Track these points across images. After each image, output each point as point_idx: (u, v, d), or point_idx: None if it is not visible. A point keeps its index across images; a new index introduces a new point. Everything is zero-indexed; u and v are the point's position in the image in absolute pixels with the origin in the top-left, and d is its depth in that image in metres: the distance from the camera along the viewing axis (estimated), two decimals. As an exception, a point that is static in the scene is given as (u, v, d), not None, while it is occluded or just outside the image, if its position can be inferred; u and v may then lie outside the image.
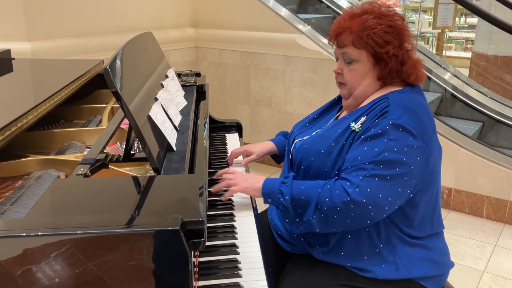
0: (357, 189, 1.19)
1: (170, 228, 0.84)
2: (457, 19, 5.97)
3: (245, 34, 3.75)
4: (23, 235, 0.83)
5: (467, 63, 5.01)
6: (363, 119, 1.28)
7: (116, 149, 1.52)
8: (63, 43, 2.89)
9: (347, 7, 1.40)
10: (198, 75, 2.19)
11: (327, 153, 1.30)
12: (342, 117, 1.38)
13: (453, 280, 1.42)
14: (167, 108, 1.45)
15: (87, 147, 1.56)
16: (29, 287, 0.83)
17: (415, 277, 1.28)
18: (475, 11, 3.53)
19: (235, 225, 1.36)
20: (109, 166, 1.26)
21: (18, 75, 1.92)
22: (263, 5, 3.56)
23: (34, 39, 2.75)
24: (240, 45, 3.80)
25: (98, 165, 1.23)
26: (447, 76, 3.97)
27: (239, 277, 1.14)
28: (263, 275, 1.17)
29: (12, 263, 0.83)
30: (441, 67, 4.04)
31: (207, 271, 1.15)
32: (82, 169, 1.17)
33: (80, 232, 0.83)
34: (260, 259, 1.23)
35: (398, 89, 1.33)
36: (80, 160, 1.26)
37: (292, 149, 1.46)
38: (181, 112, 1.62)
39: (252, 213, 1.44)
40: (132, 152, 1.38)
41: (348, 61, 1.33)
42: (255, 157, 1.70)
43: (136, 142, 1.49)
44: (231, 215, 1.41)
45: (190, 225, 0.88)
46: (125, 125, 1.60)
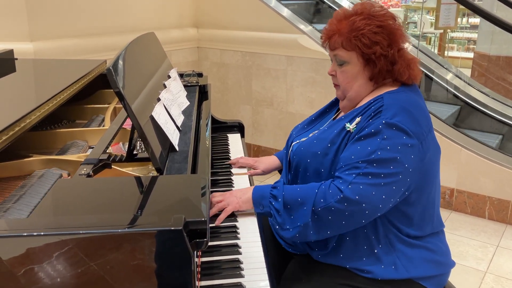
0: (349, 186, 1.19)
1: (173, 228, 0.84)
2: (459, 20, 5.96)
3: (247, 34, 3.75)
4: (27, 235, 0.83)
5: (469, 63, 5.01)
6: (358, 119, 1.28)
7: (118, 149, 1.53)
8: (65, 43, 2.90)
9: (338, 10, 1.41)
10: (200, 75, 2.19)
11: (324, 154, 1.30)
12: (338, 118, 1.38)
13: (455, 280, 1.41)
14: (170, 108, 1.45)
15: (90, 147, 1.56)
16: (32, 286, 0.84)
17: (414, 277, 1.28)
18: (477, 11, 3.53)
19: (237, 225, 1.36)
20: (112, 166, 1.27)
21: (21, 75, 1.92)
22: (265, 5, 3.56)
23: (36, 39, 2.75)
24: (242, 45, 3.80)
25: (101, 165, 1.23)
26: (449, 76, 3.97)
27: (242, 277, 1.14)
28: (265, 275, 1.17)
29: (15, 262, 0.83)
30: (443, 67, 4.03)
31: (210, 271, 1.16)
32: (85, 169, 1.17)
33: (83, 232, 0.84)
34: (262, 259, 1.23)
35: (393, 89, 1.34)
36: (82, 160, 1.27)
37: (289, 152, 1.46)
38: (184, 112, 1.62)
39: (254, 213, 1.44)
40: (134, 152, 1.39)
41: (339, 63, 1.34)
42: (260, 172, 1.72)
43: (138, 142, 1.50)
44: (233, 215, 1.41)
45: (192, 225, 0.89)
46: (127, 125, 1.61)
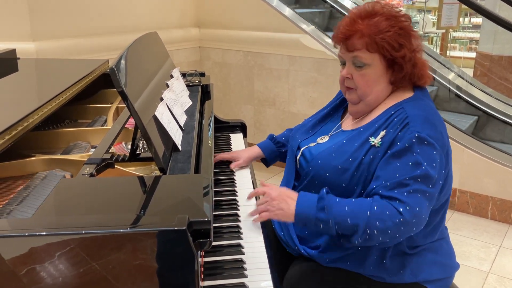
0: (407, 208, 1.15)
1: (176, 228, 0.84)
2: (461, 19, 5.95)
3: (249, 34, 3.74)
4: (29, 234, 0.83)
5: (472, 63, 5.00)
6: (382, 133, 1.23)
7: (121, 149, 1.53)
8: (67, 43, 2.90)
9: (354, 8, 1.34)
10: (202, 75, 2.19)
11: (344, 169, 1.25)
12: (355, 130, 1.32)
13: (458, 281, 1.41)
14: (173, 108, 1.45)
15: (92, 147, 1.56)
16: (35, 286, 0.83)
17: (421, 280, 1.28)
18: (480, 11, 3.52)
19: (240, 225, 1.35)
20: (115, 166, 1.26)
21: (23, 75, 1.92)
22: (267, 5, 3.55)
23: (38, 39, 2.75)
24: (244, 45, 3.79)
25: (104, 165, 1.23)
26: (451, 76, 3.96)
27: (245, 277, 1.14)
28: (268, 276, 1.16)
29: (18, 262, 0.83)
30: (445, 67, 4.03)
31: (213, 271, 1.15)
32: (88, 169, 1.17)
33: (86, 232, 0.83)
34: (265, 259, 1.22)
35: (409, 94, 1.30)
36: (85, 159, 1.26)
37: (299, 158, 1.40)
38: (186, 112, 1.62)
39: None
40: (137, 152, 1.38)
41: (359, 65, 1.27)
42: (243, 162, 1.70)
43: (141, 142, 1.49)
44: (236, 215, 1.41)
45: (196, 225, 0.88)
46: (130, 125, 1.60)
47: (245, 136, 2.12)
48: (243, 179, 1.65)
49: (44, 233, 0.83)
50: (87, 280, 0.84)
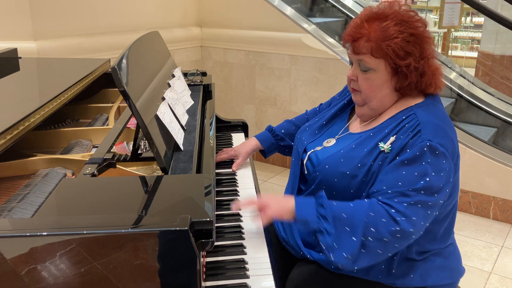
0: (403, 218, 1.13)
1: (179, 228, 0.84)
2: (463, 19, 5.94)
3: (250, 33, 3.74)
4: (31, 234, 0.83)
5: (473, 62, 4.99)
6: (392, 138, 1.20)
7: (122, 148, 1.52)
8: (69, 42, 2.89)
9: (366, 7, 1.28)
10: (204, 74, 2.19)
11: (353, 175, 1.22)
12: (364, 134, 1.29)
13: (460, 281, 1.40)
14: (174, 107, 1.44)
15: (94, 146, 1.56)
16: (37, 285, 0.83)
17: (429, 285, 1.27)
18: (482, 10, 3.51)
19: (241, 225, 1.35)
20: (117, 165, 1.26)
21: (24, 74, 1.92)
22: (268, 4, 3.55)
23: (40, 38, 2.75)
24: (245, 44, 3.79)
25: (105, 165, 1.23)
26: (453, 75, 3.95)
27: (247, 277, 1.13)
28: (270, 276, 1.16)
29: (20, 262, 0.83)
30: (447, 66, 4.02)
31: (214, 271, 1.15)
32: (89, 169, 1.17)
33: (88, 232, 0.83)
34: (267, 259, 1.22)
35: (419, 100, 1.26)
36: (87, 159, 1.26)
37: (306, 162, 1.38)
38: (188, 111, 1.61)
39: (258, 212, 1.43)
40: (139, 151, 1.38)
41: (364, 69, 1.24)
42: (242, 159, 1.70)
43: (143, 141, 1.49)
44: (238, 215, 1.40)
45: (198, 225, 0.88)
46: (131, 124, 1.60)
47: (246, 135, 2.11)
48: (244, 179, 1.65)
49: (45, 233, 0.83)
50: (89, 280, 0.84)
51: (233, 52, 3.88)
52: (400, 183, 1.15)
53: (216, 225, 1.31)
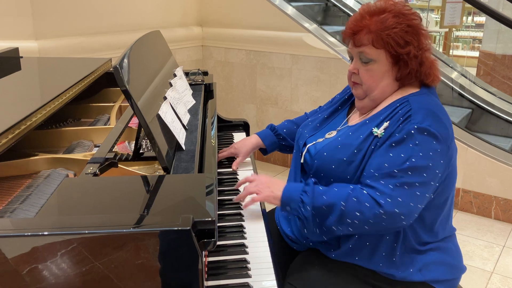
0: (388, 199, 1.16)
1: (181, 228, 0.84)
2: (464, 18, 5.93)
3: (251, 32, 3.74)
4: (32, 234, 0.83)
5: (475, 62, 4.98)
6: (386, 124, 1.24)
7: (124, 148, 1.52)
8: (70, 42, 2.89)
9: (364, 4, 1.34)
10: (205, 74, 2.18)
11: (349, 161, 1.26)
12: (360, 122, 1.33)
13: (462, 280, 1.40)
14: (176, 107, 1.44)
15: (96, 146, 1.56)
16: (39, 285, 0.83)
17: (429, 280, 1.27)
18: (483, 9, 3.50)
19: (243, 224, 1.35)
20: (118, 165, 1.26)
21: (26, 73, 1.92)
22: (269, 3, 3.54)
23: (41, 38, 2.75)
24: (246, 43, 3.79)
25: (107, 164, 1.22)
26: (454, 75, 3.95)
27: (249, 277, 1.13)
28: (272, 275, 1.16)
29: (21, 261, 0.82)
30: (449, 66, 4.01)
31: (216, 271, 1.15)
32: (91, 168, 1.17)
33: (90, 232, 0.83)
34: (269, 259, 1.22)
35: (415, 90, 1.30)
36: (88, 159, 1.26)
37: (304, 154, 1.41)
38: (190, 111, 1.61)
39: (260, 212, 1.43)
40: (141, 151, 1.38)
41: (365, 60, 1.28)
42: (243, 158, 1.70)
43: (145, 141, 1.49)
44: (240, 214, 1.40)
45: (200, 225, 0.88)
46: (133, 124, 1.60)
47: (248, 135, 2.11)
48: (246, 179, 1.64)
49: (47, 233, 0.83)
50: (91, 279, 0.84)
51: (234, 51, 3.88)
52: (386, 165, 1.19)
53: (218, 224, 1.31)
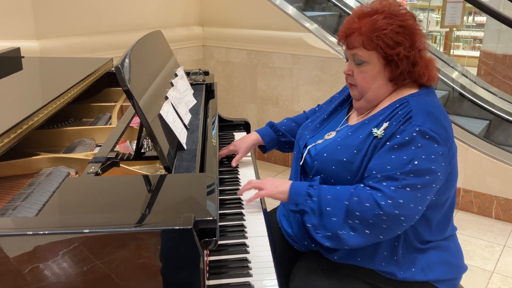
0: (389, 201, 1.16)
1: (182, 227, 0.84)
2: (465, 18, 5.93)
3: (252, 32, 3.74)
4: (34, 233, 0.83)
5: (475, 62, 4.98)
6: (385, 124, 1.25)
7: (126, 147, 1.53)
8: (71, 42, 2.90)
9: (357, 6, 1.36)
10: (206, 73, 2.19)
11: (349, 162, 1.27)
12: (360, 123, 1.34)
13: (462, 280, 1.41)
14: (177, 106, 1.44)
15: (97, 145, 1.56)
16: (40, 284, 0.84)
17: (431, 279, 1.28)
18: (484, 9, 3.50)
19: (244, 224, 1.35)
20: (120, 164, 1.26)
21: (27, 73, 1.92)
22: (270, 3, 3.55)
23: (42, 38, 2.76)
24: (247, 43, 3.79)
25: (109, 164, 1.23)
26: (455, 74, 3.94)
27: (250, 276, 1.14)
28: (273, 275, 1.16)
29: (23, 260, 0.83)
30: (449, 65, 4.01)
31: (217, 270, 1.15)
32: (93, 168, 1.17)
33: (91, 231, 0.83)
34: (270, 258, 1.22)
35: (414, 91, 1.31)
36: (90, 158, 1.26)
37: (305, 155, 1.41)
38: (191, 110, 1.62)
39: (261, 212, 1.44)
40: (142, 150, 1.38)
41: (358, 62, 1.30)
42: (242, 154, 1.71)
43: (146, 140, 1.49)
44: (241, 214, 1.41)
45: (202, 224, 0.88)
46: (134, 123, 1.61)
47: (248, 135, 2.11)
48: (247, 178, 1.64)
49: (48, 232, 0.83)
50: (92, 279, 0.84)
51: (235, 51, 3.88)
52: (388, 167, 1.19)
53: (219, 224, 1.31)
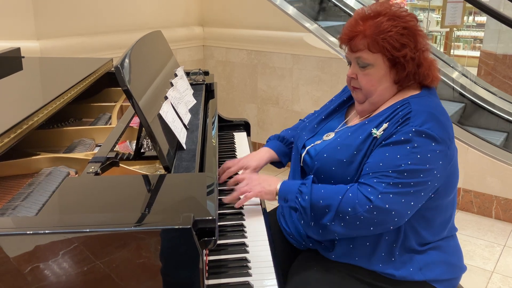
0: (379, 196, 1.17)
1: (182, 226, 0.84)
2: (465, 18, 5.93)
3: (252, 32, 3.74)
4: (34, 232, 0.83)
5: (476, 62, 4.98)
6: (385, 125, 1.24)
7: (125, 147, 1.53)
8: (71, 42, 2.90)
9: (358, 9, 1.34)
10: (206, 73, 2.19)
11: (349, 162, 1.26)
12: (360, 123, 1.33)
13: (462, 280, 1.40)
14: (177, 106, 1.45)
15: (97, 145, 1.56)
16: (40, 283, 0.84)
17: (429, 279, 1.27)
18: (484, 9, 3.50)
19: (244, 223, 1.36)
20: (120, 164, 1.27)
21: (28, 73, 1.93)
22: (270, 3, 3.55)
23: (43, 38, 2.76)
24: (247, 43, 3.79)
25: (108, 163, 1.23)
26: (455, 74, 3.95)
27: (249, 275, 1.14)
28: (273, 274, 1.16)
29: (23, 260, 0.83)
30: (449, 65, 4.01)
31: (217, 269, 1.15)
32: (93, 167, 1.17)
33: (91, 230, 0.84)
34: (269, 257, 1.22)
35: (416, 92, 1.30)
36: (90, 158, 1.27)
37: (304, 156, 1.41)
38: (190, 110, 1.62)
39: (261, 211, 1.44)
40: (142, 150, 1.39)
41: (362, 65, 1.28)
42: (253, 171, 1.55)
43: (146, 140, 1.49)
44: (240, 213, 1.41)
45: (201, 224, 0.89)
46: (134, 123, 1.61)
47: (248, 135, 2.11)
48: (247, 178, 1.65)
49: (48, 231, 0.83)
50: (92, 278, 0.84)
51: (235, 51, 3.89)
52: (381, 164, 1.19)
53: (218, 223, 1.32)
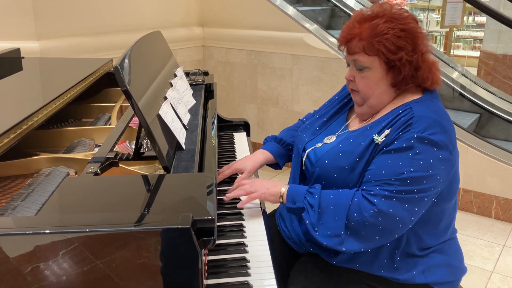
0: (383, 199, 1.16)
1: (180, 226, 0.84)
2: (465, 18, 5.93)
3: (252, 33, 3.74)
4: (34, 232, 0.83)
5: (476, 62, 4.98)
6: (387, 131, 1.22)
7: (125, 147, 1.53)
8: (71, 42, 2.90)
9: (356, 10, 1.32)
10: (206, 74, 2.19)
11: (351, 169, 1.25)
12: (361, 128, 1.32)
13: (462, 280, 1.41)
14: (176, 107, 1.45)
15: (97, 145, 1.57)
16: (40, 284, 0.84)
17: (431, 282, 1.27)
18: (484, 9, 3.51)
19: (243, 224, 1.36)
20: (119, 164, 1.27)
21: (27, 74, 1.93)
22: (270, 4, 3.55)
23: (43, 38, 2.76)
24: (247, 44, 3.79)
25: (108, 164, 1.23)
26: (455, 75, 3.95)
27: (248, 275, 1.14)
28: (272, 274, 1.17)
29: (22, 260, 0.83)
30: (449, 66, 4.01)
31: (216, 269, 1.16)
32: (92, 168, 1.18)
33: (91, 230, 0.84)
34: (269, 257, 1.23)
35: (417, 96, 1.28)
36: (89, 158, 1.27)
37: (304, 160, 1.40)
38: (190, 111, 1.62)
39: (260, 212, 1.44)
40: (141, 150, 1.39)
41: (359, 68, 1.27)
42: (247, 175, 1.54)
43: (145, 140, 1.50)
44: (240, 214, 1.41)
45: (200, 224, 0.89)
46: (133, 123, 1.61)
47: (248, 135, 2.12)
48: (246, 178, 1.65)
49: (48, 231, 0.84)
50: (91, 278, 0.84)
51: (235, 51, 3.89)
52: (383, 172, 1.18)
53: (218, 223, 1.32)
